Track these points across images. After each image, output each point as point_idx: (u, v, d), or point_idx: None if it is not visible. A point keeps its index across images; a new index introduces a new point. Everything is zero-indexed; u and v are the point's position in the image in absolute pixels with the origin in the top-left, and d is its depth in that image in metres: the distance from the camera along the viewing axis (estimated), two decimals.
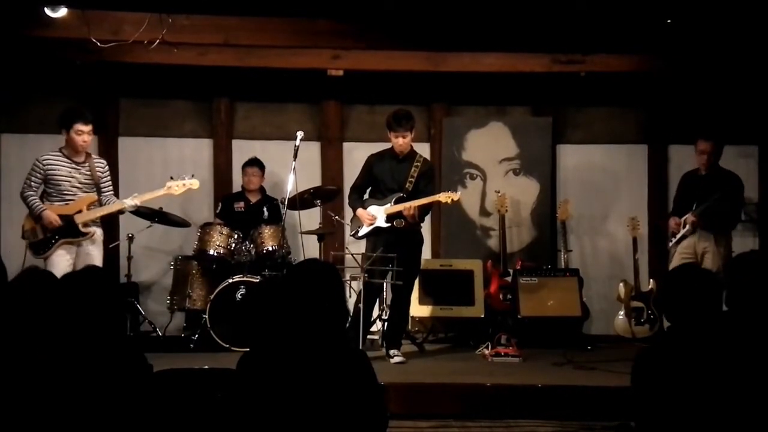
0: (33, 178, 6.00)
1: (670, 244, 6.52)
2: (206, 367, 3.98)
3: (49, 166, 5.99)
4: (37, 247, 5.95)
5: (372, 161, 6.35)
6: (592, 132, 8.05)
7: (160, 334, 7.01)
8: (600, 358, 6.27)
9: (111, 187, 6.24)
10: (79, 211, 5.98)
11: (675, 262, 6.40)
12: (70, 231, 5.93)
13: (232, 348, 6.23)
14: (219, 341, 6.33)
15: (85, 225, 5.98)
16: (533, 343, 6.80)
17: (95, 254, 6.05)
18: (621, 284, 7.28)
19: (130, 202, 6.12)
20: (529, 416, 4.97)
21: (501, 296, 7.18)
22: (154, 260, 7.63)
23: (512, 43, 7.15)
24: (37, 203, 5.95)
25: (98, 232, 6.12)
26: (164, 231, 7.21)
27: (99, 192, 6.11)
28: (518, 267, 7.33)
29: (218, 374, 3.46)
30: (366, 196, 6.38)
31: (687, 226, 6.29)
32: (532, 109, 8.14)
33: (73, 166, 6.04)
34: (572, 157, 8.03)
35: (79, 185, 6.04)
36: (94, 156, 6.25)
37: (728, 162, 7.20)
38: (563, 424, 4.87)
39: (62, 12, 6.39)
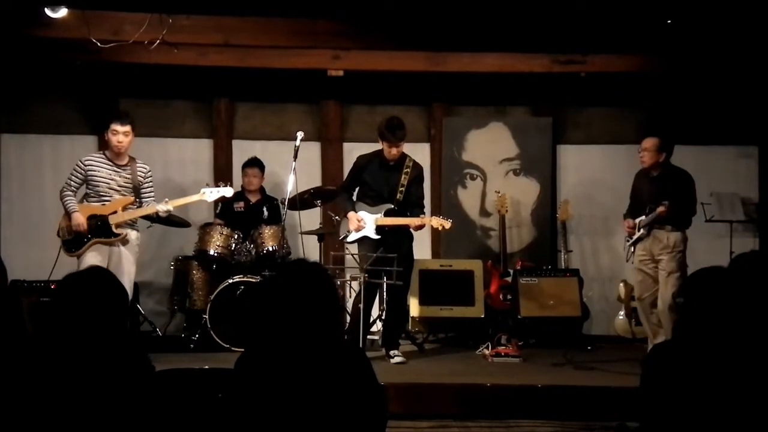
0: (73, 179, 5.98)
1: (627, 244, 6.43)
2: (206, 367, 3.99)
3: (90, 167, 5.96)
4: (69, 245, 5.92)
5: (361, 164, 6.33)
6: (592, 132, 8.06)
7: (160, 334, 7.02)
8: (600, 358, 6.29)
9: (152, 193, 6.16)
10: (114, 212, 5.93)
11: (635, 263, 6.33)
12: (103, 231, 5.90)
13: (233, 348, 6.22)
14: (219, 341, 6.32)
15: (119, 226, 5.94)
16: (533, 343, 6.81)
17: (127, 256, 5.97)
18: (621, 284, 7.29)
19: (163, 207, 6.02)
20: (529, 416, 4.98)
21: (501, 296, 7.18)
22: (154, 260, 7.62)
23: (512, 43, 7.15)
24: (71, 203, 5.93)
25: (133, 234, 6.04)
26: (164, 231, 7.20)
27: (138, 196, 6.06)
28: (518, 267, 7.34)
29: (218, 374, 3.46)
30: (354, 197, 6.38)
31: (641, 230, 6.20)
32: (532, 110, 8.14)
33: (114, 168, 6.00)
34: (572, 157, 8.04)
35: (118, 188, 5.99)
36: (138, 160, 6.15)
37: (728, 162, 7.22)
38: (563, 424, 4.87)
39: (62, 12, 6.39)
